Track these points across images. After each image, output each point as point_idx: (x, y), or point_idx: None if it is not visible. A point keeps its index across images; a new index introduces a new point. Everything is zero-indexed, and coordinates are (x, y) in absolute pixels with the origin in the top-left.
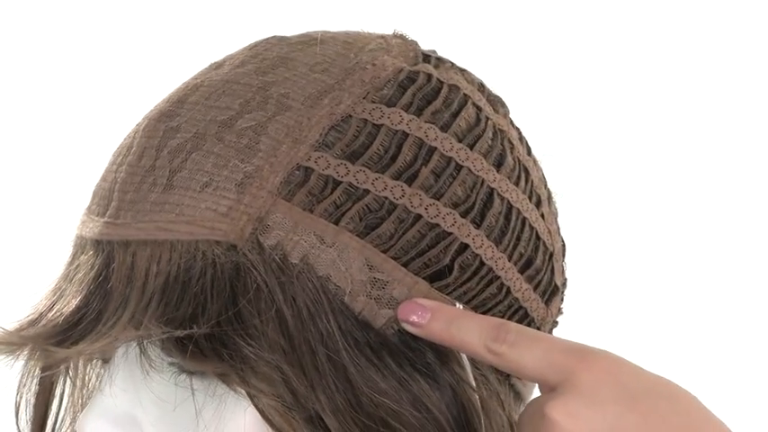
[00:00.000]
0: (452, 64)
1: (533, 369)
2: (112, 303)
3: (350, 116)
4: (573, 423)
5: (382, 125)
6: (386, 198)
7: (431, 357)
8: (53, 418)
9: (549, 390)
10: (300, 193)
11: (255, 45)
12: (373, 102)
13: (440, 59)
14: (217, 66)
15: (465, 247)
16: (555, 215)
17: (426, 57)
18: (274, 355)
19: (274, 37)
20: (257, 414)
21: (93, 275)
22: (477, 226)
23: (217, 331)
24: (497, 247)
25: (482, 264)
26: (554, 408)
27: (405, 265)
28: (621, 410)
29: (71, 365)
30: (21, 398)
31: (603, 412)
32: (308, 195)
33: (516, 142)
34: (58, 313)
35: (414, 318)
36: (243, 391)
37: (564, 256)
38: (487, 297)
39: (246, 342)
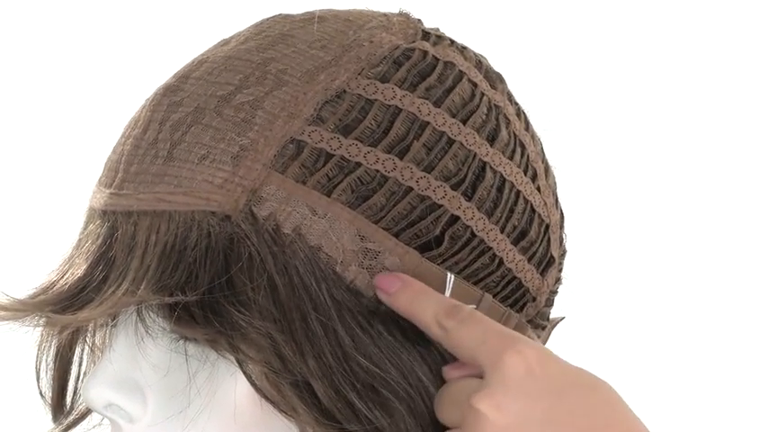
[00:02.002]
0: (452, 41)
1: (470, 347)
2: (114, 272)
3: (344, 91)
4: (501, 417)
5: (375, 100)
6: (377, 171)
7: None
8: (73, 382)
9: (476, 375)
10: (294, 165)
11: (261, 23)
12: (368, 78)
13: (440, 37)
14: (224, 42)
15: (456, 218)
16: (552, 188)
17: (426, 34)
18: (265, 323)
19: (280, 15)
20: (247, 380)
21: (98, 245)
22: (469, 198)
23: (209, 299)
24: (489, 218)
25: (473, 235)
26: (481, 399)
27: (396, 235)
28: (550, 404)
29: (88, 330)
30: (40, 362)
31: (532, 406)
32: (301, 168)
33: (513, 117)
34: (65, 281)
35: (387, 286)
36: (233, 358)
37: (562, 227)
38: (479, 267)
39: (237, 309)
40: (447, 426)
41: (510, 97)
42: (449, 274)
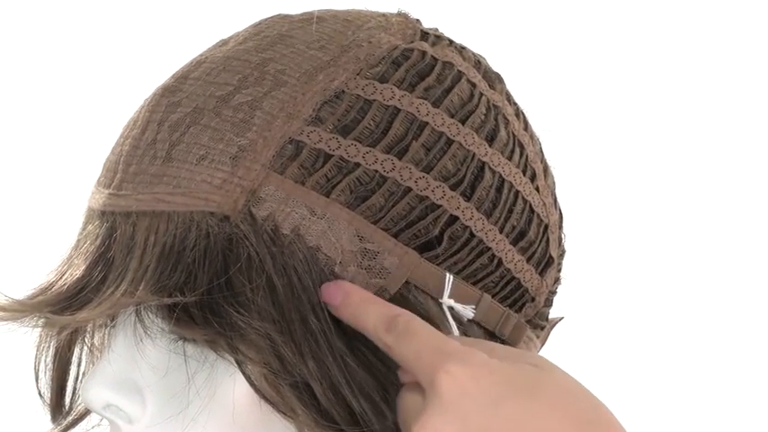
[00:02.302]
0: (451, 41)
1: (409, 364)
2: (113, 272)
3: (343, 92)
4: None
5: (374, 100)
6: (376, 171)
7: None
8: (72, 383)
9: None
10: (292, 166)
11: (260, 23)
12: (366, 78)
13: (438, 37)
14: (222, 43)
15: (454, 219)
16: (551, 188)
17: (425, 34)
18: (264, 323)
19: (279, 15)
20: (246, 381)
21: (97, 245)
22: (468, 199)
23: (208, 299)
24: (488, 219)
25: (472, 235)
26: (421, 428)
27: (395, 236)
28: (485, 420)
29: (87, 330)
30: (39, 363)
31: (467, 426)
32: (299, 168)
33: (512, 117)
34: (64, 282)
35: (330, 298)
36: (231, 358)
37: (561, 228)
38: (478, 267)
39: (236, 310)
40: None
41: (509, 97)
42: (447, 275)
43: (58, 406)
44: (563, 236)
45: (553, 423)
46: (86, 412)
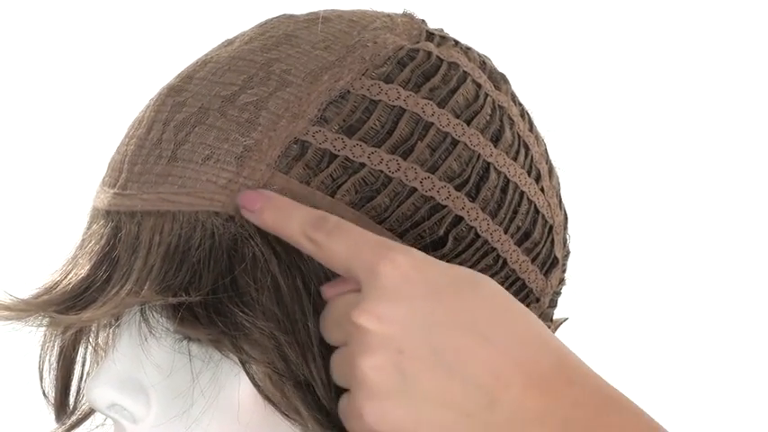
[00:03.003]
0: (456, 42)
1: (343, 260)
2: (118, 272)
3: (348, 92)
4: (383, 327)
5: (380, 101)
6: (381, 171)
7: None
8: (76, 382)
9: (356, 289)
10: (298, 166)
11: (265, 23)
12: (372, 78)
13: (444, 38)
14: (228, 43)
15: (459, 219)
16: (556, 189)
17: (430, 35)
18: (268, 323)
19: (284, 15)
20: (250, 381)
21: (102, 245)
22: (473, 199)
23: (213, 299)
24: (493, 219)
25: (477, 236)
26: (361, 314)
27: (400, 236)
28: (430, 307)
29: (91, 330)
30: (43, 362)
31: (413, 310)
32: (305, 168)
33: (517, 118)
34: (68, 282)
35: (249, 203)
36: (236, 358)
37: (566, 228)
38: (483, 268)
39: (241, 310)
40: (334, 345)
41: (514, 98)
42: None
43: (62, 405)
44: (568, 237)
45: (496, 314)
46: (90, 412)
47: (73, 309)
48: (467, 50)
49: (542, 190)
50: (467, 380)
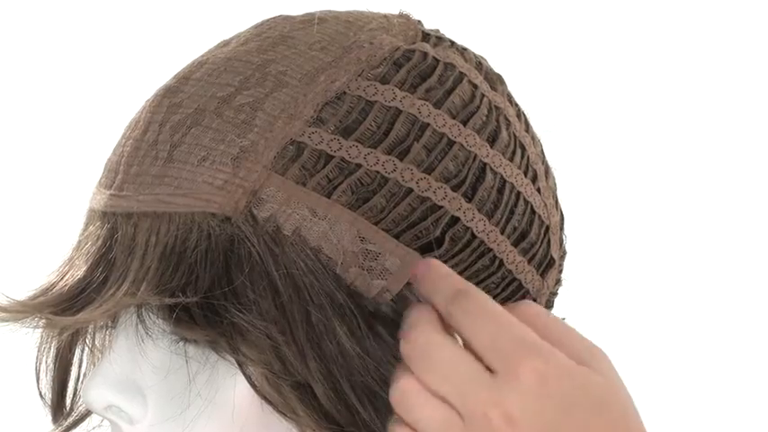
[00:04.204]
0: (452, 43)
1: (480, 344)
2: (114, 273)
3: (344, 93)
4: (511, 428)
5: (376, 102)
6: (378, 172)
7: None
8: (73, 384)
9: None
10: (294, 167)
11: (261, 24)
12: (368, 79)
13: (440, 38)
14: (224, 44)
15: (456, 219)
16: (553, 189)
17: (426, 36)
18: (265, 324)
19: (280, 16)
20: (247, 382)
21: (98, 246)
22: (469, 200)
23: (209, 300)
24: (489, 220)
25: (473, 236)
26: (494, 407)
27: (396, 236)
28: (561, 419)
29: (88, 331)
30: (40, 363)
31: (543, 420)
32: (301, 169)
33: (513, 119)
34: (65, 283)
35: (417, 270)
36: (233, 359)
37: (562, 229)
38: (480, 268)
39: (238, 311)
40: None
41: (510, 98)
42: None
43: (59, 407)
44: (564, 237)
45: None
46: (87, 413)
47: (69, 310)
48: (463, 51)
49: (539, 190)
50: None
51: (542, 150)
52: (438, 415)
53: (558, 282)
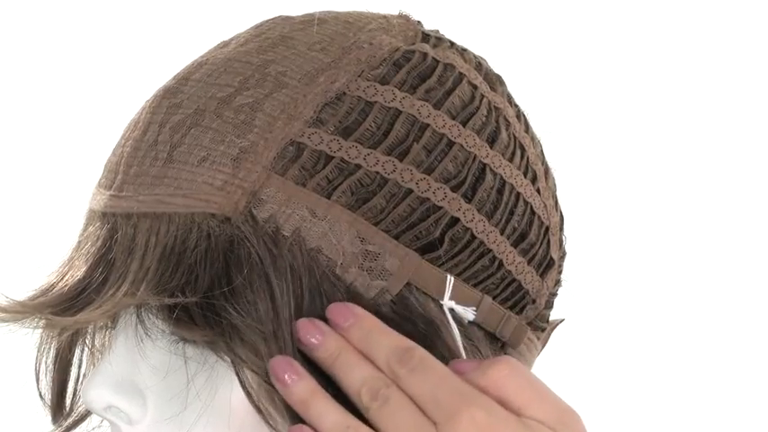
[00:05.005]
0: (452, 43)
1: (422, 399)
2: (114, 273)
3: (344, 93)
4: None
5: (375, 102)
6: (377, 173)
7: (422, 328)
8: (73, 384)
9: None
10: (294, 167)
11: (261, 24)
12: (368, 80)
13: (439, 39)
14: (223, 44)
15: (456, 220)
16: (552, 190)
17: (426, 36)
18: (263, 326)
19: (280, 16)
20: (240, 385)
21: (98, 247)
22: (469, 200)
23: (209, 301)
24: (489, 220)
25: (473, 237)
26: None
27: (396, 237)
28: None
29: (88, 332)
30: (39, 364)
31: None
32: (300, 170)
33: (513, 119)
34: (65, 283)
35: (339, 320)
36: (230, 360)
37: (561, 230)
38: (480, 269)
39: (237, 311)
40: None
41: (510, 99)
42: (449, 276)
43: (58, 407)
44: (564, 238)
45: None
46: (87, 414)
47: (69, 310)
48: (462, 52)
49: (538, 191)
50: None
51: (542, 151)
52: None
53: (558, 282)
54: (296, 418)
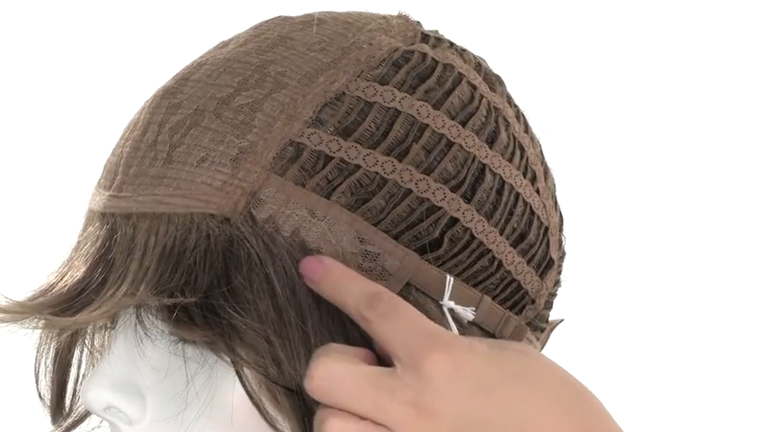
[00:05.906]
0: (451, 43)
1: (391, 344)
2: (113, 274)
3: (344, 94)
4: (430, 422)
5: (375, 102)
6: (377, 173)
7: None
8: (72, 385)
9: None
10: (293, 168)
11: (260, 25)
12: (367, 80)
13: (439, 39)
14: (223, 45)
15: (455, 220)
16: (552, 190)
17: (425, 37)
18: (263, 326)
19: (279, 17)
20: (241, 385)
21: (97, 247)
22: (468, 201)
23: (208, 301)
24: (488, 221)
25: (472, 237)
26: (406, 404)
27: (395, 237)
28: (481, 402)
29: (87, 332)
30: (39, 364)
31: (463, 407)
32: (300, 170)
33: (512, 120)
34: (64, 284)
35: (311, 273)
36: (230, 360)
37: (561, 230)
38: (479, 269)
39: (236, 312)
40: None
41: (509, 99)
42: (448, 277)
43: (58, 408)
44: (563, 238)
45: (545, 406)
46: (86, 414)
47: (68, 311)
48: (462, 52)
49: (538, 191)
50: None
51: (541, 151)
52: None
53: (557, 283)
54: (299, 418)
